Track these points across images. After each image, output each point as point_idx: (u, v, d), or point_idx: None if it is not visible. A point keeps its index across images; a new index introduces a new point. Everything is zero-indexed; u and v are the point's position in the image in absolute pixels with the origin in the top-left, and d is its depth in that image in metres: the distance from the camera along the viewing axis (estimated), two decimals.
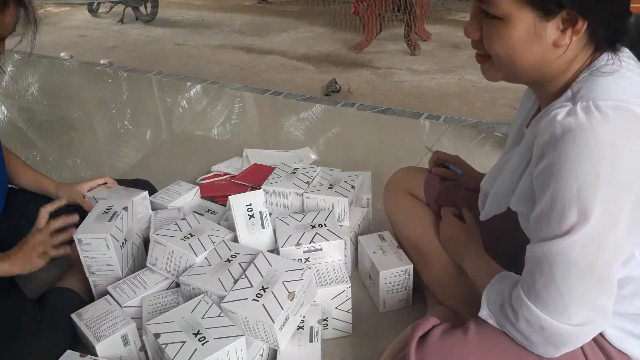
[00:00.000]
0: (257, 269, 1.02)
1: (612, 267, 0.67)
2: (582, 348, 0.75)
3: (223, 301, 0.96)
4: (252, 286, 0.98)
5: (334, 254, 1.13)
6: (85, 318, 1.04)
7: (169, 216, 1.31)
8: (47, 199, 1.25)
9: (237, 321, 0.95)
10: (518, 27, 0.70)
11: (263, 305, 0.93)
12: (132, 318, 1.04)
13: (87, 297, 1.17)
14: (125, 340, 1.01)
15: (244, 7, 5.42)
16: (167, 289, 1.10)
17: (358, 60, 3.34)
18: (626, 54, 0.72)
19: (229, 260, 1.07)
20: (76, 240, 1.10)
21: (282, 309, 0.92)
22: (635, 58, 0.72)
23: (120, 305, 1.06)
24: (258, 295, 0.95)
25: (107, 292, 1.10)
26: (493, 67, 0.77)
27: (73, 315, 1.05)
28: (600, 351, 0.77)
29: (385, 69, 3.16)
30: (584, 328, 0.69)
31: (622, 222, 0.64)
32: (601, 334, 0.76)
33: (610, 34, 0.70)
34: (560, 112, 0.66)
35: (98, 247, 1.10)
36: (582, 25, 0.68)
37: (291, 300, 0.94)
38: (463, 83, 2.82)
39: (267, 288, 0.97)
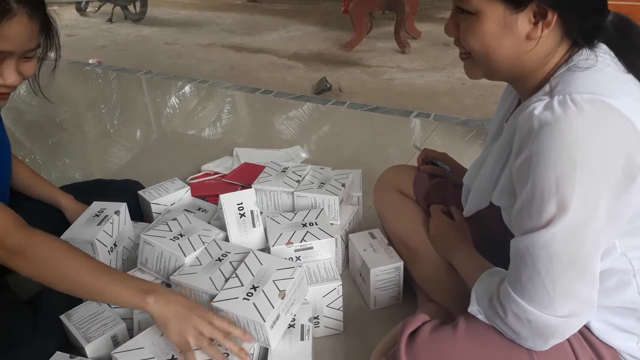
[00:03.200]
0: (248, 268, 1.02)
1: (592, 258, 0.68)
2: (569, 342, 0.76)
3: (213, 300, 0.95)
4: (242, 285, 0.98)
5: (324, 252, 1.13)
6: (74, 319, 1.04)
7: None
8: (53, 208, 1.25)
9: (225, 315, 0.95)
10: (489, 21, 0.72)
11: (254, 304, 0.93)
12: (122, 319, 1.04)
13: (80, 298, 1.16)
14: (115, 341, 1.01)
15: (233, 5, 5.41)
16: None
17: (348, 59, 3.34)
18: (602, 49, 0.73)
19: (219, 260, 1.07)
20: None
21: (273, 308, 0.92)
22: (611, 53, 0.73)
23: (110, 305, 1.05)
24: (249, 294, 0.95)
25: None
26: (473, 64, 0.79)
27: (62, 317, 1.04)
28: (587, 345, 0.78)
29: (375, 67, 3.16)
30: (570, 319, 0.70)
31: (600, 212, 0.65)
32: (587, 328, 0.78)
33: (585, 29, 0.72)
34: (538, 105, 0.67)
35: (85, 251, 1.09)
36: (552, 18, 0.69)
37: (282, 299, 0.94)
38: (453, 81, 2.83)
39: (257, 287, 0.97)
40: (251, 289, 0.96)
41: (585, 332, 0.78)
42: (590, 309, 0.71)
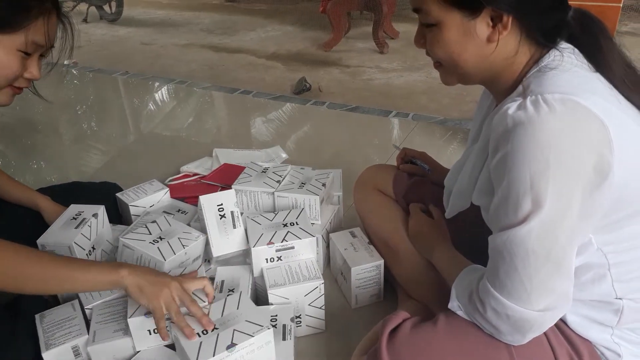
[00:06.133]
0: (223, 306, 0.96)
1: (567, 253, 0.70)
2: (546, 336, 0.78)
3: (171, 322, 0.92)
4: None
5: (306, 251, 1.13)
6: (45, 321, 1.01)
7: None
8: (31, 211, 1.23)
9: (176, 341, 0.93)
10: (450, 29, 0.75)
11: (200, 342, 0.88)
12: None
13: (58, 302, 1.14)
14: (76, 352, 0.98)
15: (211, 5, 5.37)
16: (122, 297, 1.05)
17: (327, 59, 3.35)
18: (569, 49, 0.75)
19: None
20: (39, 247, 1.08)
21: (212, 356, 0.86)
22: (577, 52, 0.75)
23: (83, 308, 1.04)
24: (204, 332, 0.90)
25: (72, 297, 1.08)
26: (446, 72, 0.81)
27: (37, 317, 1.02)
28: (563, 338, 0.80)
29: (354, 67, 3.18)
30: (547, 313, 0.71)
31: (573, 209, 0.67)
32: (563, 321, 0.79)
33: (546, 27, 0.74)
34: (512, 106, 0.69)
35: (62, 254, 1.08)
36: (507, 20, 0.72)
37: (229, 353, 0.87)
38: (430, 80, 2.86)
39: (217, 328, 0.91)
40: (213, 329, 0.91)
41: (562, 326, 0.80)
42: (566, 303, 0.72)
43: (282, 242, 1.11)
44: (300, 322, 1.11)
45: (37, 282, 0.87)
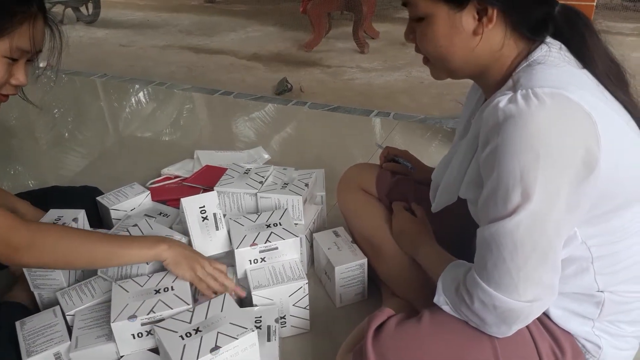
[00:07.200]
0: (207, 309, 0.96)
1: (554, 245, 0.71)
2: (528, 329, 0.79)
3: (158, 324, 0.92)
4: (190, 322, 0.93)
5: (290, 252, 1.13)
6: (26, 328, 1.00)
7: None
8: None
9: (159, 344, 0.92)
10: (437, 22, 0.76)
11: (184, 345, 0.88)
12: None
13: (36, 309, 1.12)
14: (58, 359, 0.97)
15: (190, 6, 5.32)
16: (105, 302, 1.05)
17: (308, 59, 3.35)
18: (556, 46, 0.76)
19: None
20: None
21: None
22: (564, 48, 0.77)
23: (64, 314, 1.02)
24: (187, 334, 0.90)
25: (53, 303, 1.06)
26: (435, 67, 0.82)
27: (17, 323, 1.00)
28: (545, 331, 0.81)
29: (335, 67, 3.18)
30: (533, 304, 0.72)
31: (561, 201, 0.68)
32: (546, 315, 0.81)
33: (532, 21, 0.75)
34: (502, 99, 0.70)
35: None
36: (492, 13, 0.73)
37: (212, 356, 0.87)
38: (411, 80, 2.88)
39: (200, 331, 0.91)
40: (193, 330, 0.91)
41: (544, 319, 0.81)
42: (552, 294, 0.74)
43: (265, 243, 1.11)
44: (285, 322, 1.11)
45: (87, 259, 0.95)
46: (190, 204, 1.15)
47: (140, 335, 0.96)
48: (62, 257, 0.93)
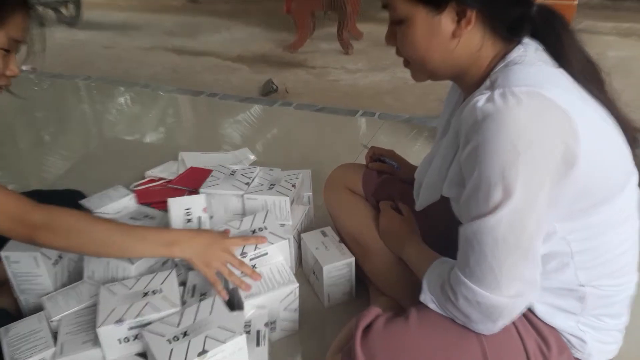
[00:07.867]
0: (197, 310, 0.95)
1: (534, 241, 0.72)
2: (515, 325, 0.80)
3: (146, 328, 0.91)
4: (178, 326, 0.92)
5: (278, 255, 1.12)
6: (10, 334, 0.98)
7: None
8: None
9: (147, 348, 0.91)
10: (416, 25, 0.76)
11: (172, 349, 0.87)
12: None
13: (20, 316, 1.10)
14: None
15: (172, 7, 5.28)
16: (91, 306, 1.04)
17: (293, 60, 3.35)
18: (533, 46, 0.78)
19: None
20: (3, 258, 1.04)
21: None
22: (541, 48, 0.78)
23: (50, 319, 1.01)
24: (175, 338, 0.90)
25: (38, 309, 1.05)
26: (415, 69, 0.82)
27: (1, 330, 0.99)
28: (531, 327, 0.82)
29: (320, 68, 3.18)
30: (516, 299, 0.73)
31: (542, 197, 0.69)
32: (531, 311, 0.82)
33: (509, 22, 0.76)
34: (481, 99, 0.70)
35: (27, 265, 1.05)
36: (471, 15, 0.74)
37: (199, 359, 0.86)
38: (395, 80, 2.89)
39: (188, 335, 0.90)
40: (181, 333, 0.90)
41: (529, 315, 0.82)
42: (534, 289, 0.75)
43: (255, 250, 1.08)
44: (275, 326, 1.11)
45: (101, 246, 0.94)
46: (176, 205, 1.15)
47: (127, 340, 0.95)
48: (75, 241, 0.93)
